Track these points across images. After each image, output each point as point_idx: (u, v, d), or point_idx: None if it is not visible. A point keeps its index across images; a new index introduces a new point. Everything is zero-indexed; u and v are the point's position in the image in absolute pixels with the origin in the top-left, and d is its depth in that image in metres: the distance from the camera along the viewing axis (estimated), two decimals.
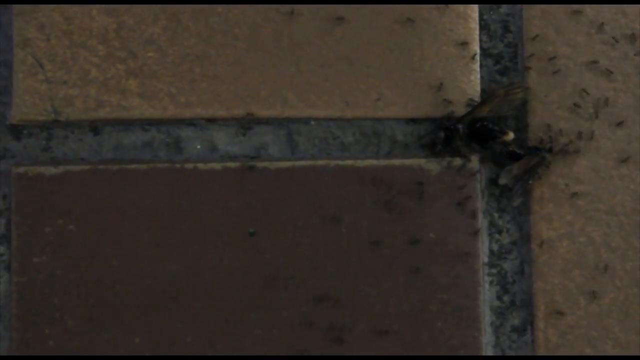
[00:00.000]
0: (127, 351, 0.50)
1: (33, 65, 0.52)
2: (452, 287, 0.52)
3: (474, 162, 0.53)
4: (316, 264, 0.52)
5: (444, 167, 0.53)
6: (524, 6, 0.54)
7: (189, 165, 0.52)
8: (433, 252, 0.52)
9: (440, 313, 0.52)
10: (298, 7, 0.53)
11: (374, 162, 0.53)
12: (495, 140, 0.53)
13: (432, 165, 0.53)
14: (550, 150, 0.53)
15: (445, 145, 0.52)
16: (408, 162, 0.53)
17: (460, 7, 0.54)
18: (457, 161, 0.53)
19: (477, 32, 0.54)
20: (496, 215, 0.54)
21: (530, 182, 0.53)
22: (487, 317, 0.53)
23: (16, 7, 0.52)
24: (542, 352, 0.53)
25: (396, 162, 0.53)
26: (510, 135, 0.53)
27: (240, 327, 0.51)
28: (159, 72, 0.52)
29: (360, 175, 0.52)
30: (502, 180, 0.53)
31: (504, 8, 0.55)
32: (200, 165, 0.52)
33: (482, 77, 0.54)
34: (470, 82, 0.53)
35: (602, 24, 0.54)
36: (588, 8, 0.54)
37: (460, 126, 0.52)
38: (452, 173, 0.53)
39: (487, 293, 0.53)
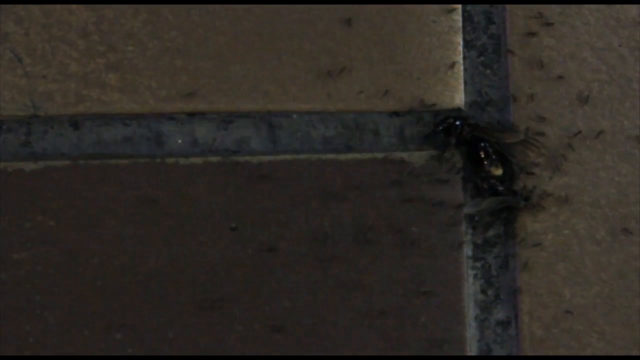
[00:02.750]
0: (108, 347, 0.50)
1: (11, 59, 0.51)
2: (436, 281, 0.52)
3: (457, 156, 0.53)
4: (298, 258, 0.51)
5: (428, 161, 0.52)
6: None
7: (170, 160, 0.51)
8: (416, 246, 0.52)
9: (424, 307, 0.52)
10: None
11: (357, 155, 0.52)
12: (482, 166, 0.52)
13: (416, 159, 0.52)
14: (527, 199, 0.52)
15: (439, 126, 0.52)
16: (391, 155, 0.52)
17: None
18: (441, 155, 0.52)
19: (461, 23, 0.54)
20: None
21: (497, 222, 0.52)
22: (471, 311, 0.53)
23: None
24: (527, 345, 0.53)
25: (379, 155, 0.52)
26: (499, 171, 0.52)
27: (222, 322, 0.51)
28: (139, 66, 0.52)
29: (342, 169, 0.52)
30: (468, 210, 0.52)
31: None
32: (182, 160, 0.51)
33: (465, 69, 0.54)
34: (454, 75, 0.53)
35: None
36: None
37: (467, 129, 0.52)
38: (435, 167, 0.52)
39: (471, 287, 0.53)
